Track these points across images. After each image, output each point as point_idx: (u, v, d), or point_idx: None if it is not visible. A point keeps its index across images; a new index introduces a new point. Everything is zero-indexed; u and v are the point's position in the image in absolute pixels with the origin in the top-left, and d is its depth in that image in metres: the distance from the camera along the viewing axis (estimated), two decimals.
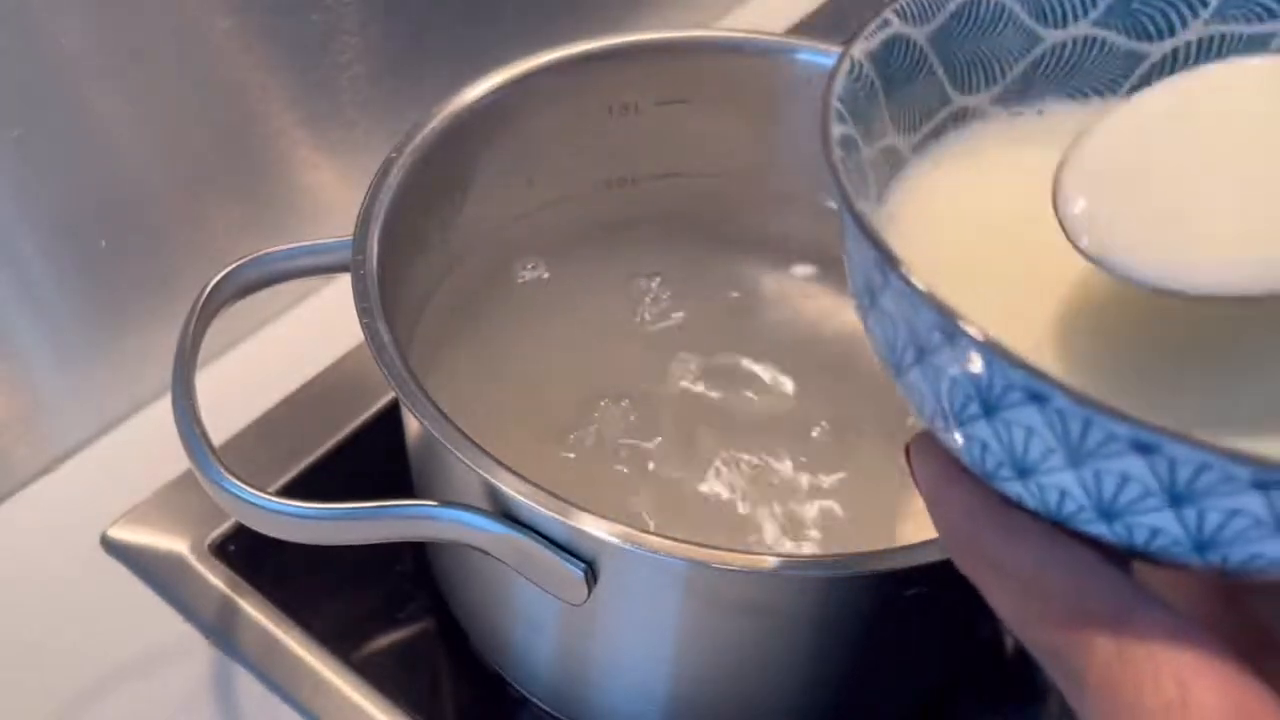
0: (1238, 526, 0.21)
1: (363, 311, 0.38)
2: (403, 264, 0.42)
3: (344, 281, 0.39)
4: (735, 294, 0.49)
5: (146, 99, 0.48)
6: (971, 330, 0.21)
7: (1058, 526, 0.23)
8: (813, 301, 0.48)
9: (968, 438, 0.23)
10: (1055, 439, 0.21)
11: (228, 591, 0.45)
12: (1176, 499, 0.21)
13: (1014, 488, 0.23)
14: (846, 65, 0.26)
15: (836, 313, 0.48)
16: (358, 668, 0.43)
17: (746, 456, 0.43)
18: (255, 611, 0.44)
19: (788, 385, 0.45)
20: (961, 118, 0.29)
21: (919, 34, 0.28)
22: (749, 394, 0.45)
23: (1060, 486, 0.22)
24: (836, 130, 0.25)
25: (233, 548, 0.46)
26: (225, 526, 0.46)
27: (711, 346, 0.46)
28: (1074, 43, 0.30)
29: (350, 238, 0.40)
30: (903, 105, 0.28)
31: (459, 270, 0.48)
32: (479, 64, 0.46)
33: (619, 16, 0.64)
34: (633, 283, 0.49)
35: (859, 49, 0.27)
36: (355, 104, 0.54)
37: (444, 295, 0.47)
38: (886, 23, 0.27)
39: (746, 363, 0.46)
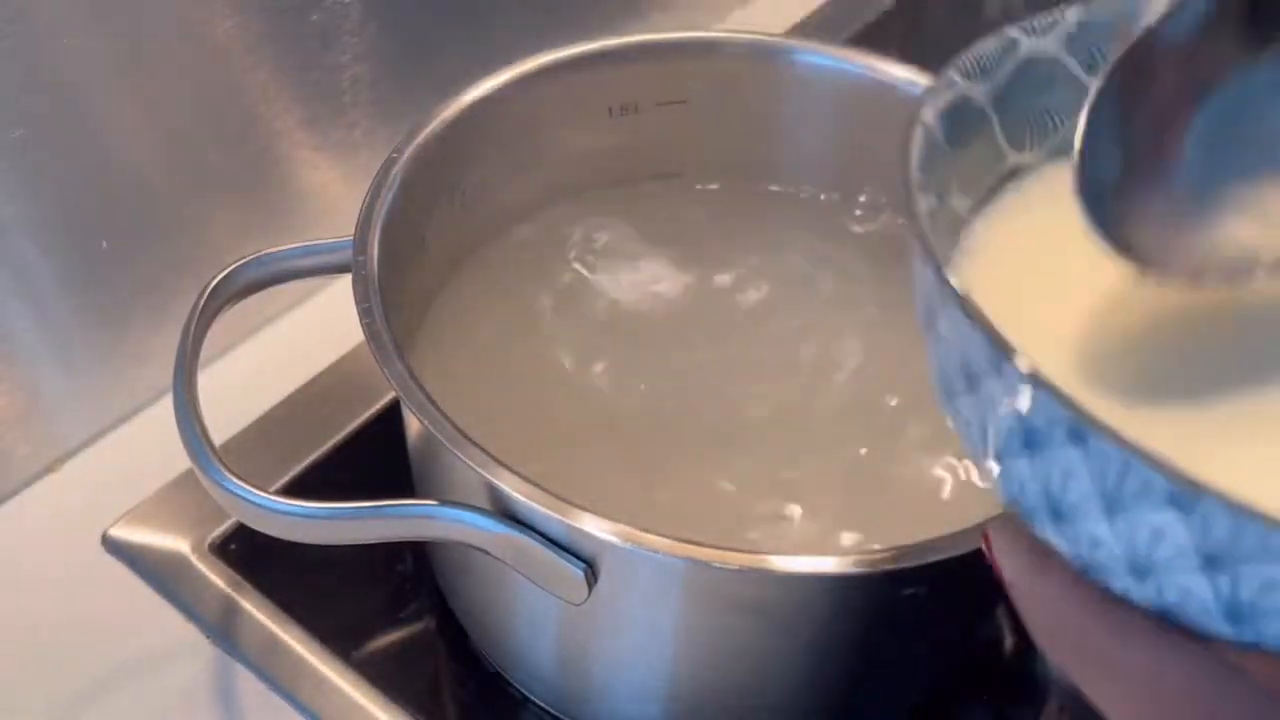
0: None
1: (363, 311, 0.38)
2: (403, 264, 0.42)
3: (344, 281, 0.39)
4: (736, 292, 0.49)
5: (146, 99, 0.48)
6: (1106, 429, 0.20)
7: (1164, 622, 0.22)
8: (813, 300, 0.48)
9: (1079, 535, 0.22)
10: (1189, 541, 0.20)
11: (228, 591, 0.45)
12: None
13: (1126, 586, 0.22)
14: (919, 130, 0.26)
15: (836, 310, 0.48)
16: (358, 667, 0.43)
17: (757, 451, 0.43)
18: (256, 611, 0.44)
19: (793, 380, 0.46)
20: (1014, 175, 0.29)
21: (980, 92, 0.28)
22: (754, 388, 0.45)
23: (1186, 587, 0.21)
24: (922, 203, 0.25)
25: (234, 547, 0.46)
26: (226, 526, 0.46)
27: (714, 344, 0.46)
28: None
29: (350, 238, 0.40)
30: (963, 165, 0.28)
31: (459, 270, 0.48)
32: (479, 64, 0.46)
33: (619, 16, 0.64)
34: (634, 283, 0.49)
35: (929, 112, 0.26)
36: (355, 104, 0.55)
37: (444, 295, 0.47)
38: (952, 81, 0.27)
39: (751, 361, 0.46)
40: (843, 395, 0.45)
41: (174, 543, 0.46)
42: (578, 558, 0.35)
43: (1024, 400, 0.21)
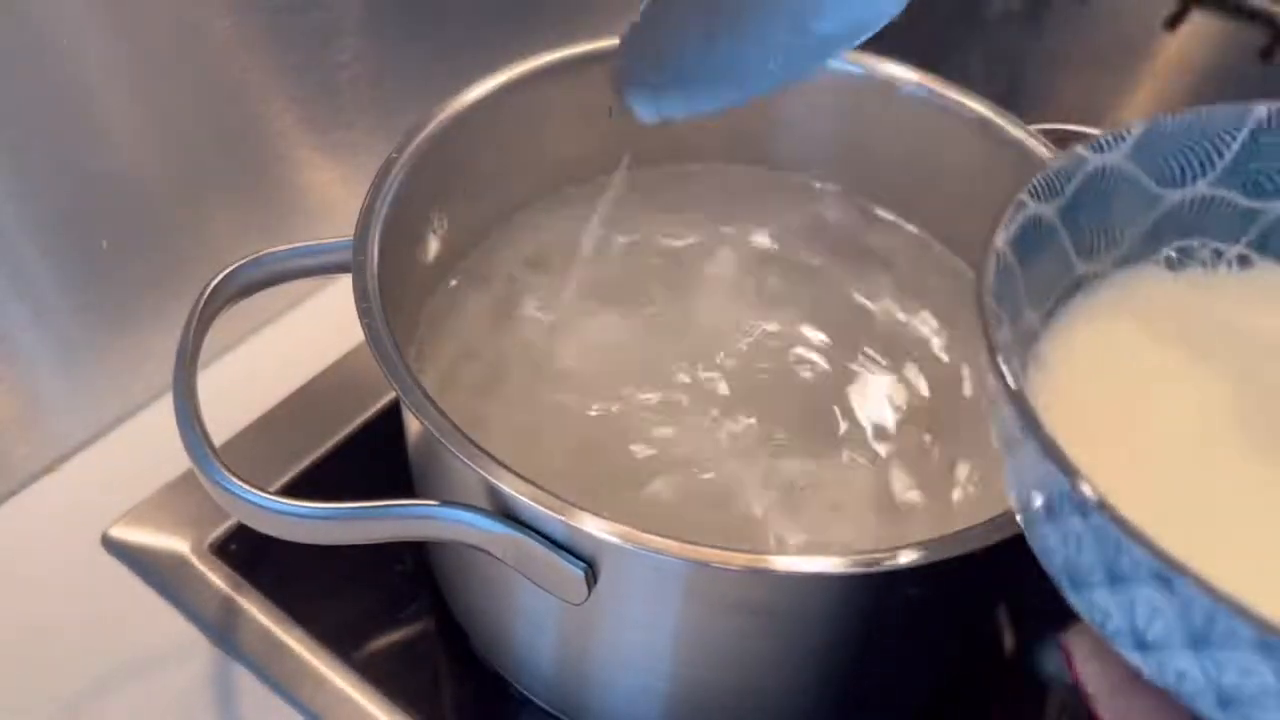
0: None
1: (363, 311, 0.38)
2: (403, 264, 0.42)
3: (344, 281, 0.39)
4: (737, 291, 0.49)
5: (146, 99, 0.48)
6: (1188, 571, 0.21)
7: None
8: (812, 297, 0.48)
9: (1164, 666, 0.22)
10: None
11: (228, 591, 0.45)
12: None
13: (1212, 713, 0.22)
14: (993, 260, 0.26)
15: (836, 306, 0.48)
16: (358, 667, 0.43)
17: (766, 446, 0.43)
18: (256, 611, 0.44)
19: (802, 375, 0.46)
20: (1082, 284, 0.30)
21: (1049, 211, 0.28)
22: (758, 384, 0.45)
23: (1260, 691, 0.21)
24: (998, 337, 0.25)
25: (233, 547, 0.46)
26: (226, 526, 0.46)
27: (717, 342, 0.46)
28: (1192, 202, 0.30)
29: (350, 238, 0.40)
30: (1034, 281, 0.28)
31: (459, 270, 0.48)
32: (479, 64, 0.46)
33: (619, 16, 0.64)
34: (634, 281, 0.49)
35: (1001, 238, 0.27)
36: (355, 104, 0.55)
37: (444, 295, 0.47)
38: (1022, 205, 0.28)
39: (756, 358, 0.46)
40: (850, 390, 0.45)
41: (174, 543, 0.46)
42: (578, 558, 0.35)
43: (1104, 540, 0.21)
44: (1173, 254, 0.31)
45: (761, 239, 0.50)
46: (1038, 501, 0.24)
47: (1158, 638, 0.22)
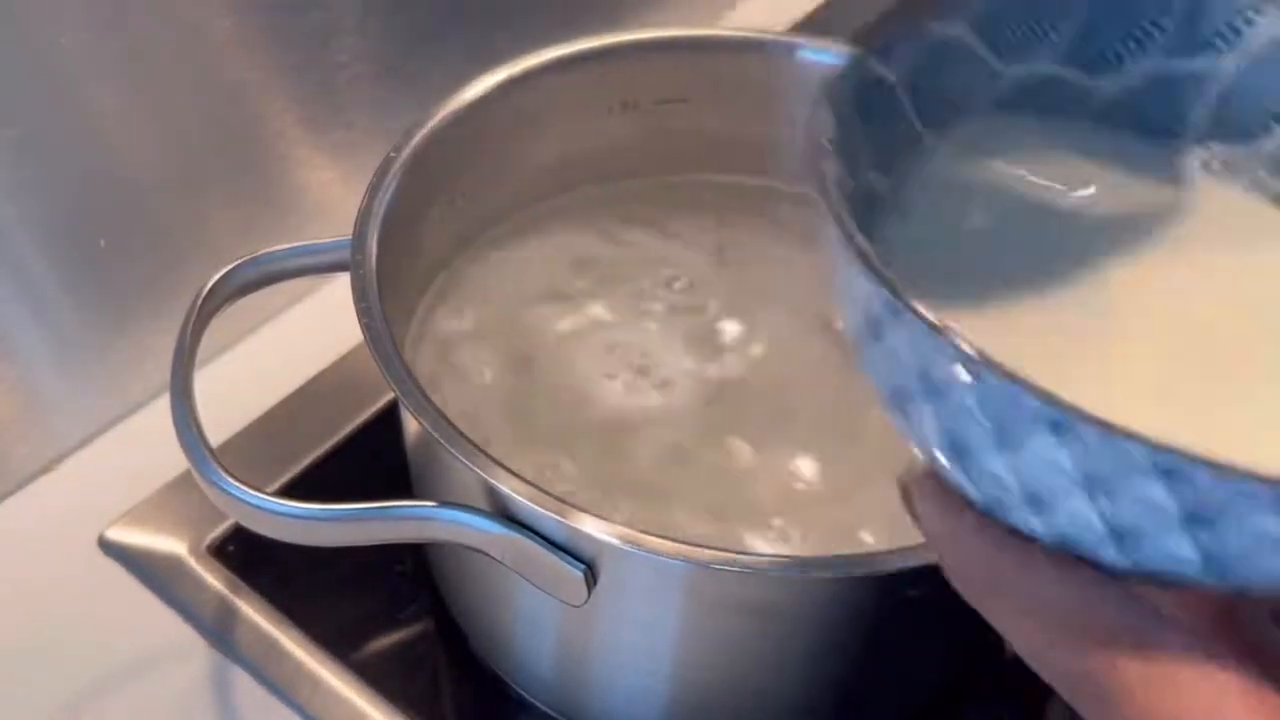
0: (1257, 547, 0.21)
1: (361, 311, 0.38)
2: (401, 263, 0.42)
3: (344, 281, 0.39)
4: (737, 292, 0.49)
5: (146, 99, 0.48)
6: (993, 363, 0.21)
7: (1069, 555, 0.23)
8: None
9: (980, 473, 0.23)
10: (1074, 467, 0.21)
11: (226, 592, 0.45)
12: (1194, 521, 0.21)
13: (1026, 520, 0.23)
14: (826, 102, 0.27)
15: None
16: (357, 668, 0.43)
17: (764, 442, 0.43)
18: (254, 612, 0.44)
19: (797, 372, 0.45)
20: (930, 155, 0.30)
21: (890, 73, 0.28)
22: (760, 380, 0.45)
23: (1075, 513, 0.22)
24: (831, 169, 0.25)
25: (232, 548, 0.46)
26: (224, 527, 0.46)
27: (719, 341, 0.46)
28: (1033, 79, 0.30)
29: (349, 237, 0.40)
30: (877, 144, 0.28)
31: (458, 269, 0.48)
32: (479, 64, 0.45)
33: (619, 16, 0.64)
34: (634, 281, 0.49)
35: (835, 86, 0.27)
36: (355, 104, 0.54)
37: (444, 294, 0.47)
38: (860, 60, 0.28)
39: (761, 355, 0.46)
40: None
41: (171, 544, 0.46)
42: (578, 559, 0.35)
43: (998, 398, 0.21)
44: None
45: None
46: (863, 325, 0.24)
47: (971, 440, 0.22)
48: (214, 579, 0.45)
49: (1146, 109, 0.30)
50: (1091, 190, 0.30)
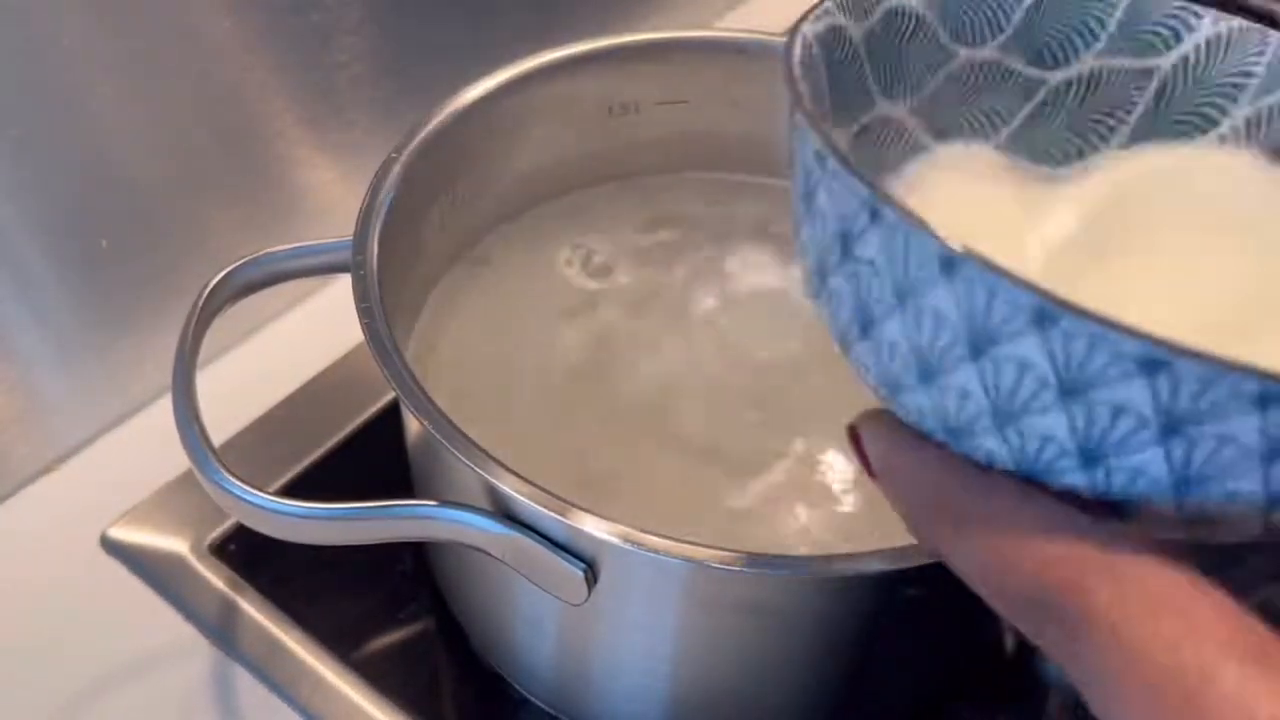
0: (1226, 457, 0.20)
1: (363, 311, 0.38)
2: (402, 264, 0.42)
3: (344, 281, 0.39)
4: (738, 290, 0.49)
5: (146, 99, 0.48)
6: (976, 253, 0.20)
7: (1025, 479, 0.22)
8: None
9: (945, 390, 0.22)
10: (1050, 369, 0.20)
11: (228, 591, 0.45)
12: (1171, 427, 0.20)
13: (987, 444, 0.22)
14: (799, 40, 0.26)
15: None
16: (358, 668, 0.43)
17: (765, 442, 0.43)
18: (255, 611, 0.44)
19: (793, 371, 0.46)
20: (884, 124, 0.30)
21: (855, 30, 0.28)
22: (765, 377, 0.45)
23: (1045, 430, 0.21)
24: (803, 86, 0.25)
25: (233, 548, 0.46)
26: (225, 526, 0.46)
27: (720, 340, 0.47)
28: (982, 65, 0.30)
29: (350, 238, 0.40)
30: (839, 96, 0.28)
31: (459, 269, 0.48)
32: (479, 64, 0.46)
33: (619, 16, 0.64)
34: (634, 281, 0.49)
35: (809, 27, 0.27)
36: (355, 104, 0.54)
37: (444, 294, 0.47)
38: (828, 11, 0.27)
39: (766, 357, 0.46)
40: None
41: (173, 543, 0.46)
42: (578, 558, 0.35)
43: (979, 293, 0.20)
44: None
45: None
46: (885, 287, 0.22)
47: (942, 350, 0.21)
48: (215, 578, 0.45)
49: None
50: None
